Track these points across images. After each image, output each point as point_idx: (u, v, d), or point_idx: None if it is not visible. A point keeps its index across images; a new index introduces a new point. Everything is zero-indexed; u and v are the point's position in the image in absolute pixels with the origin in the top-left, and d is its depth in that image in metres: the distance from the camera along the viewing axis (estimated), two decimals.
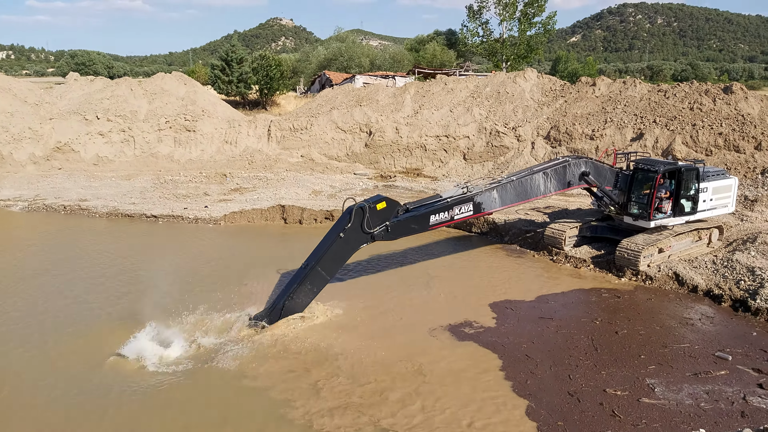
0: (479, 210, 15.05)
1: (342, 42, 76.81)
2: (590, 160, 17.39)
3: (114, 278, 16.50)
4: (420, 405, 10.14)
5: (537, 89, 34.69)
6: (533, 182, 15.98)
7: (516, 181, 15.69)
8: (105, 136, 32.43)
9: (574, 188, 17.36)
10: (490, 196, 15.21)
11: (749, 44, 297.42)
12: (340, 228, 13.16)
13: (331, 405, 10.11)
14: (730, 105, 27.83)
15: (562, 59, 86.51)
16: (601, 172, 17.35)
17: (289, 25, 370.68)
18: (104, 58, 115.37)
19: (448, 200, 14.50)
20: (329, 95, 37.55)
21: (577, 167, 16.72)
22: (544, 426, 9.50)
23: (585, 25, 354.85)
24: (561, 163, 16.57)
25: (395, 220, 13.63)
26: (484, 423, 9.64)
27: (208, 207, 23.89)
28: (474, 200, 14.83)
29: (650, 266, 16.65)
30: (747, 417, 9.75)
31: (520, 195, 15.87)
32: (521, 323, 13.73)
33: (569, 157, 17.05)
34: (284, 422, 9.67)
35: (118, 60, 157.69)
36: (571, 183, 16.72)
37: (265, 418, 9.83)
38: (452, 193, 14.84)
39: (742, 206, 21.66)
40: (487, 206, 15.20)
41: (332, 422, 9.61)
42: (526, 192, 15.95)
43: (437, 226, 14.53)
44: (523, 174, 16.10)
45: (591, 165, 17.08)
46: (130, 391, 10.51)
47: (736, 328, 13.35)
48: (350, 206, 13.21)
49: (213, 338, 12.51)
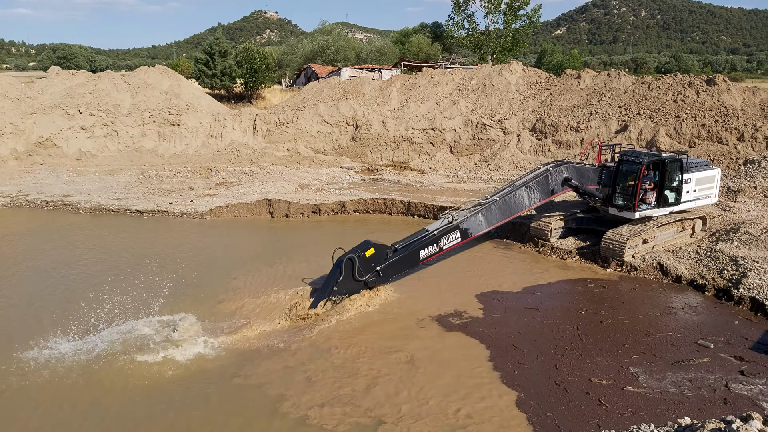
0: (467, 235, 15.43)
1: (327, 35, 76.38)
2: (571, 164, 17.38)
3: (104, 274, 16.37)
4: (409, 395, 10.18)
5: (522, 82, 34.79)
6: (517, 198, 16.22)
7: (500, 201, 15.93)
8: (88, 130, 32.04)
9: (560, 194, 17.44)
10: (476, 220, 15.53)
11: (732, 36, 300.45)
12: (332, 281, 13.52)
13: (323, 397, 10.12)
14: (713, 97, 28.12)
15: (547, 52, 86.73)
16: (584, 173, 17.46)
17: (274, 17, 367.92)
18: (86, 52, 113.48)
19: (434, 233, 14.88)
20: (315, 88, 37.39)
21: (559, 174, 16.84)
22: (534, 417, 9.57)
23: (570, 18, 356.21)
24: (542, 173, 16.68)
25: (386, 263, 14.07)
26: (472, 413, 9.69)
27: (193, 202, 23.72)
28: (461, 227, 15.21)
29: (635, 257, 16.82)
30: (729, 404, 9.90)
31: (505, 213, 16.16)
32: (508, 314, 13.83)
33: (549, 165, 17.08)
34: (278, 415, 9.70)
35: (100, 53, 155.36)
36: (554, 191, 16.91)
37: (258, 411, 9.84)
38: (438, 224, 15.17)
39: (725, 197, 21.93)
40: (474, 230, 15.59)
41: (322, 412, 9.64)
42: (511, 209, 16.23)
43: (428, 260, 14.97)
44: (506, 191, 16.29)
45: (572, 169, 17.15)
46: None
47: (719, 317, 13.54)
48: (340, 258, 13.60)
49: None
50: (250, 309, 13.78)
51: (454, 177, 28.57)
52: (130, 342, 11.97)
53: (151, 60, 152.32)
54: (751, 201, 21.60)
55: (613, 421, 9.33)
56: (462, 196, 23.96)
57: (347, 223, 22.40)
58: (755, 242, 16.61)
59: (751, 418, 4.58)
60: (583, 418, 9.53)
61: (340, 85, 37.09)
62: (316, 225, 22.14)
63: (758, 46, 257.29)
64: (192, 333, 12.29)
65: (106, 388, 10.46)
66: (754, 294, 13.91)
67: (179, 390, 10.41)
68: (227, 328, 12.79)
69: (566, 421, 9.44)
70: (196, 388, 10.46)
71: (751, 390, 10.31)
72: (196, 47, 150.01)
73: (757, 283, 14.23)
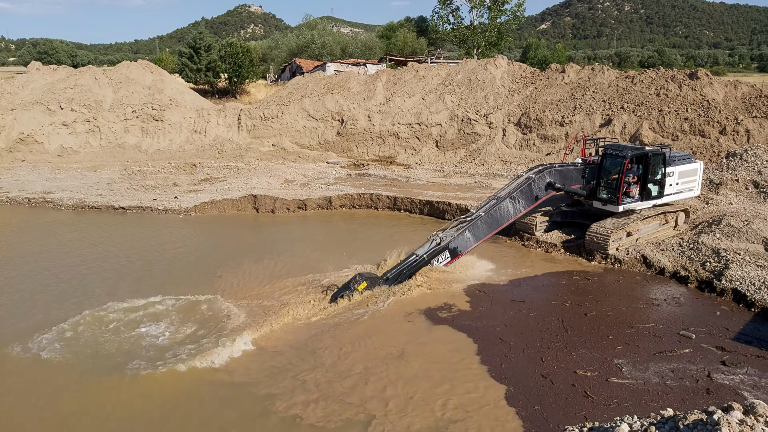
0: (456, 254, 15.66)
1: (312, 29, 75.96)
2: (553, 167, 17.44)
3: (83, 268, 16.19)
4: (396, 390, 10.17)
5: (507, 76, 34.88)
6: (502, 210, 16.40)
7: (485, 216, 16.11)
8: (69, 126, 31.63)
9: (544, 199, 17.50)
10: (464, 237, 15.72)
11: (714, 31, 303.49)
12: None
13: (313, 394, 10.09)
14: (696, 91, 28.40)
15: (532, 46, 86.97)
16: (566, 174, 17.58)
17: (258, 11, 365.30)
18: (67, 47, 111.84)
19: (424, 257, 15.08)
20: (300, 83, 37.20)
21: (542, 180, 16.96)
22: (523, 411, 9.58)
23: (554, 12, 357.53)
24: (525, 182, 16.80)
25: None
26: (459, 405, 9.72)
27: (177, 198, 23.52)
28: (449, 247, 15.41)
29: (619, 249, 16.97)
30: (712, 393, 10.03)
31: (492, 226, 16.36)
32: (495, 306, 13.89)
33: (532, 172, 17.15)
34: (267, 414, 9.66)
35: (81, 48, 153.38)
36: (538, 197, 17.07)
37: (248, 411, 9.79)
38: (427, 247, 15.34)
39: (707, 189, 22.19)
40: (463, 247, 15.77)
41: (312, 410, 9.63)
42: (497, 221, 16.43)
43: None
44: (491, 204, 16.44)
45: (555, 173, 17.26)
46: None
47: (701, 308, 13.71)
48: (334, 295, 13.81)
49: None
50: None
51: (441, 171, 28.61)
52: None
53: (134, 55, 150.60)
54: (733, 194, 21.88)
55: (599, 413, 9.42)
56: (448, 191, 24.01)
57: (334, 219, 22.36)
58: (737, 234, 16.83)
59: (732, 408, 4.64)
60: (570, 411, 9.61)
61: (326, 80, 36.93)
62: (303, 220, 22.07)
63: (740, 41, 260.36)
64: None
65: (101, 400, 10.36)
66: (736, 285, 14.10)
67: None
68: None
69: (554, 414, 9.50)
70: (187, 388, 10.39)
71: (733, 379, 10.46)
72: (180, 42, 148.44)
73: (739, 274, 14.43)
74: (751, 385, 10.28)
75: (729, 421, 4.40)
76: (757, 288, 13.75)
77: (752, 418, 4.49)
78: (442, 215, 21.81)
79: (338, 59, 65.36)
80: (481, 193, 23.36)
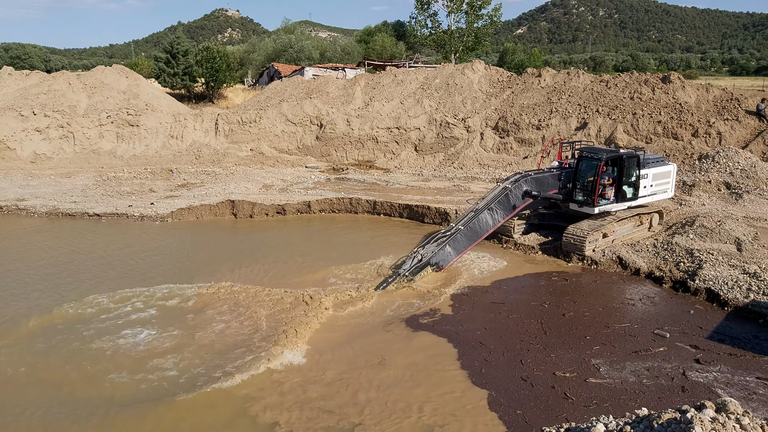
0: (439, 268, 15.85)
1: (290, 33, 75.78)
2: (529, 176, 17.55)
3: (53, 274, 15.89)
4: (377, 395, 10.13)
5: (485, 81, 35.17)
6: (481, 221, 16.56)
7: (464, 229, 16.26)
8: (42, 132, 31.09)
9: (522, 207, 17.61)
10: (445, 252, 15.90)
11: (686, 35, 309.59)
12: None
13: (291, 402, 10.01)
14: (669, 94, 28.93)
15: (509, 51, 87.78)
16: (543, 181, 17.72)
17: (236, 16, 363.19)
18: (41, 51, 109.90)
19: (406, 274, 15.24)
20: (278, 87, 37.07)
21: (519, 189, 17.11)
22: (505, 416, 9.56)
23: (530, 17, 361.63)
24: (502, 192, 16.94)
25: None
26: (438, 410, 9.73)
27: (154, 204, 23.24)
28: (431, 263, 15.61)
29: (595, 251, 17.18)
30: (687, 391, 10.18)
31: (472, 238, 16.53)
32: (475, 309, 13.94)
33: (508, 182, 17.26)
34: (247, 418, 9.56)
35: (55, 53, 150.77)
36: (516, 206, 17.21)
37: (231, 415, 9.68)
38: (409, 264, 15.48)
39: (680, 191, 22.60)
40: (444, 262, 15.98)
41: (291, 417, 9.55)
42: (477, 233, 16.60)
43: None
44: (470, 217, 16.59)
45: (531, 181, 17.39)
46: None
47: (675, 308, 13.93)
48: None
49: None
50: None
51: (420, 175, 28.70)
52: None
53: (109, 59, 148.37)
54: (706, 195, 22.32)
55: (580, 414, 9.44)
56: (427, 195, 24.09)
57: (313, 223, 22.29)
58: (710, 235, 17.16)
59: (704, 407, 4.72)
60: (551, 413, 9.62)
61: (304, 84, 36.86)
62: (282, 225, 21.95)
63: (711, 45, 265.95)
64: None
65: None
66: (709, 285, 14.36)
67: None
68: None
69: (535, 417, 9.50)
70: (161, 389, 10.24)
71: (707, 377, 10.64)
72: (156, 46, 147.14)
73: (712, 274, 14.69)
74: (724, 382, 10.46)
75: (702, 420, 4.48)
76: (730, 287, 14.02)
77: (724, 415, 4.58)
78: (422, 219, 21.87)
79: (316, 63, 65.29)
80: (460, 196, 23.49)
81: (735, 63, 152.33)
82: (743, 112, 27.02)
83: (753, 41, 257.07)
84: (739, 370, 10.87)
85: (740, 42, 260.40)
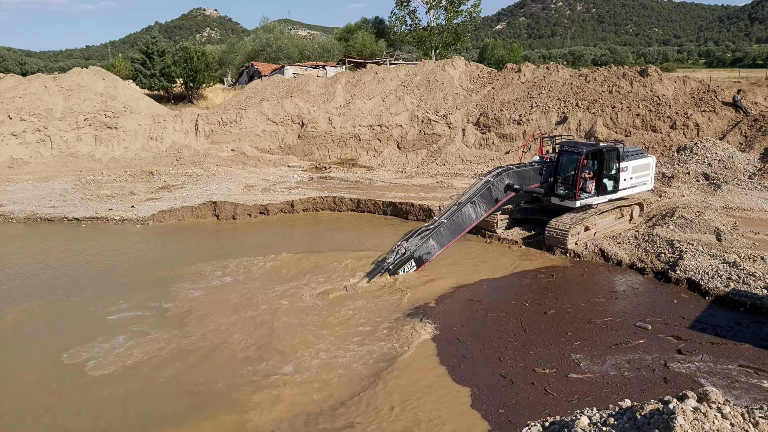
0: (422, 262, 15.86)
1: (269, 32, 75.30)
2: (511, 169, 17.60)
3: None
4: (360, 398, 10.12)
5: (465, 77, 35.26)
6: (464, 215, 16.59)
7: (447, 222, 16.28)
8: (19, 136, 30.56)
9: (504, 200, 17.66)
10: (428, 245, 15.90)
11: (663, 28, 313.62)
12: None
13: (269, 400, 9.97)
14: (646, 87, 29.24)
15: (488, 47, 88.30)
16: (525, 175, 17.80)
17: (214, 15, 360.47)
18: (15, 54, 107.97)
19: (390, 267, 15.28)
20: (258, 87, 36.82)
21: (501, 183, 17.17)
22: (488, 415, 9.52)
23: (509, 13, 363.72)
24: (484, 185, 16.99)
25: None
26: (422, 412, 9.74)
27: (134, 207, 22.97)
28: (414, 256, 15.61)
29: (578, 244, 17.32)
30: (670, 382, 10.24)
31: (455, 231, 16.56)
32: (455, 304, 13.95)
33: (490, 176, 17.32)
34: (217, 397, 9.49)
35: (30, 56, 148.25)
36: (498, 199, 17.26)
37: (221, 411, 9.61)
38: (392, 258, 15.50)
39: (660, 183, 22.88)
40: (428, 255, 15.98)
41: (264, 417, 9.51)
42: (460, 226, 16.64)
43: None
44: (452, 210, 16.60)
45: (513, 175, 17.46)
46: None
47: (658, 299, 14.05)
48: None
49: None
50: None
51: (403, 172, 28.71)
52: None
53: (85, 61, 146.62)
54: (685, 186, 22.62)
55: (562, 409, 9.42)
56: (411, 191, 24.11)
57: (297, 223, 22.19)
58: (690, 225, 17.39)
59: (686, 397, 4.77)
60: (534, 410, 9.60)
61: (285, 83, 36.66)
62: (265, 226, 21.82)
63: (687, 37, 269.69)
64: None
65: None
66: (690, 275, 14.53)
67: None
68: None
69: (518, 415, 9.46)
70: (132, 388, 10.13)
71: (689, 367, 10.73)
72: (133, 47, 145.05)
73: (692, 264, 14.88)
74: (706, 372, 10.56)
75: (684, 410, 4.53)
76: (711, 277, 14.21)
77: (705, 405, 4.63)
78: (406, 216, 21.88)
79: (296, 62, 64.98)
80: (443, 192, 23.54)
81: (711, 55, 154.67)
82: (720, 103, 27.41)
83: (728, 33, 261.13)
84: (722, 359, 10.97)
85: (716, 34, 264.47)
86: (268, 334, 12.36)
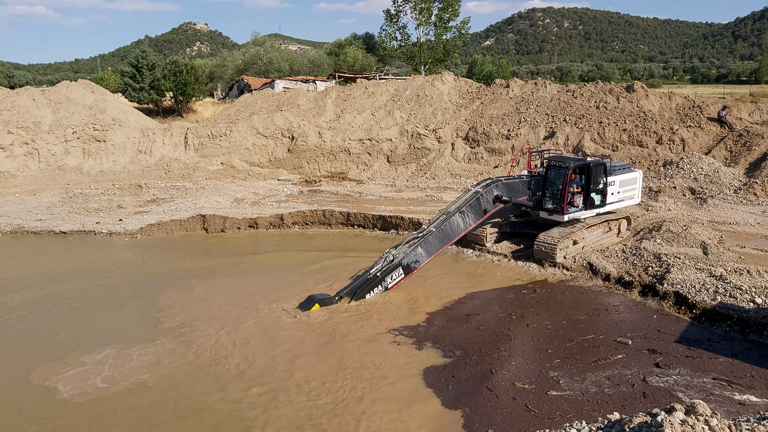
0: (410, 270, 15.81)
1: (260, 46, 75.52)
2: (500, 181, 17.70)
3: None
4: (348, 419, 10.05)
5: (454, 92, 35.53)
6: (452, 224, 16.63)
7: (436, 231, 16.31)
8: (6, 149, 30.33)
9: (493, 212, 17.74)
10: (416, 253, 15.88)
11: (648, 45, 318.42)
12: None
13: (260, 413, 9.89)
14: (633, 103, 29.62)
15: (477, 62, 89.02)
16: (513, 187, 17.90)
17: (204, 29, 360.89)
18: (3, 67, 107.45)
19: (377, 274, 15.23)
20: (249, 100, 36.88)
21: (489, 194, 17.26)
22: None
23: (498, 29, 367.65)
24: (473, 196, 17.07)
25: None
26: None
27: (122, 220, 22.82)
28: (402, 264, 15.56)
29: (566, 258, 17.42)
30: (649, 397, 10.23)
31: (443, 240, 16.58)
32: (443, 319, 13.95)
33: (480, 186, 17.40)
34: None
35: (19, 68, 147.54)
36: (486, 210, 17.32)
37: None
38: (380, 265, 15.49)
39: (647, 197, 23.10)
40: (416, 263, 15.94)
41: None
42: (448, 236, 16.67)
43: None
44: (441, 220, 16.65)
45: (502, 186, 17.55)
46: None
47: (641, 313, 14.11)
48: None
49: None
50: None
51: (392, 186, 28.78)
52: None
53: (75, 74, 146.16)
54: (671, 200, 22.86)
55: (547, 427, 9.43)
56: (401, 205, 24.16)
57: (286, 236, 22.13)
58: (676, 239, 17.55)
59: (674, 409, 4.80)
60: (520, 428, 9.50)
61: (275, 97, 36.74)
62: (254, 239, 21.74)
63: (673, 54, 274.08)
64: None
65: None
66: (677, 288, 14.64)
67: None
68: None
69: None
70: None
71: (667, 381, 10.73)
72: (122, 60, 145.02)
73: (679, 278, 15.00)
74: (684, 385, 10.58)
75: (672, 422, 4.55)
76: (698, 290, 14.32)
77: (693, 417, 4.67)
78: (396, 229, 21.91)
79: (286, 76, 65.19)
80: (433, 206, 23.61)
81: (696, 71, 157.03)
82: (705, 119, 27.81)
83: (713, 50, 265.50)
84: (698, 372, 11.04)
85: (701, 51, 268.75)
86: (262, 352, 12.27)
